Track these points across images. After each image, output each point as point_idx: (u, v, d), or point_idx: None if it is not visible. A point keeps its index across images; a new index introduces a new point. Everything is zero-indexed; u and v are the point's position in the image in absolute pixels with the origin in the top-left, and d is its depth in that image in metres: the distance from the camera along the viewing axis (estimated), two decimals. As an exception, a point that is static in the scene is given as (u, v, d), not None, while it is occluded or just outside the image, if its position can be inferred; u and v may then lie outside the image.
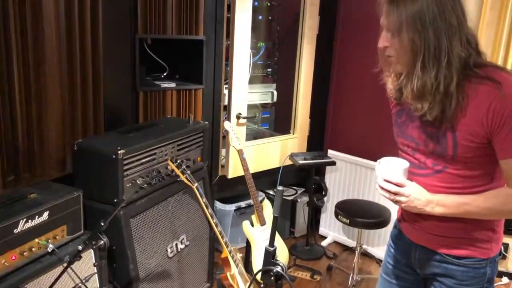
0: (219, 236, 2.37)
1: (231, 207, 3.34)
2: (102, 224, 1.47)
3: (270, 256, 1.29)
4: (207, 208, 2.35)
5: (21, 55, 2.06)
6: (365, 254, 3.45)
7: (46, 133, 2.22)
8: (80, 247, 1.47)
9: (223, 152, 3.25)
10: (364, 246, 3.42)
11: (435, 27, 1.26)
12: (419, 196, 1.37)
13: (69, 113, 2.35)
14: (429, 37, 1.26)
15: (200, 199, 2.32)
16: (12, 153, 2.12)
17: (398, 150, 1.56)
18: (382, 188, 1.39)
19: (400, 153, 1.55)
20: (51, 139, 2.25)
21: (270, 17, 3.61)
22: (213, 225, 2.36)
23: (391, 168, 1.38)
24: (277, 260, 1.31)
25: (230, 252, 2.42)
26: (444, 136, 1.35)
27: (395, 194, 1.38)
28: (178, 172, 2.26)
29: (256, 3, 3.40)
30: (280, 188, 1.29)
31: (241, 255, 2.55)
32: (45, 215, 1.78)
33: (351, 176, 3.55)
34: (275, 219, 1.26)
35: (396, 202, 1.40)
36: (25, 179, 2.18)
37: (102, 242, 1.46)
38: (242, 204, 3.39)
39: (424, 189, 1.40)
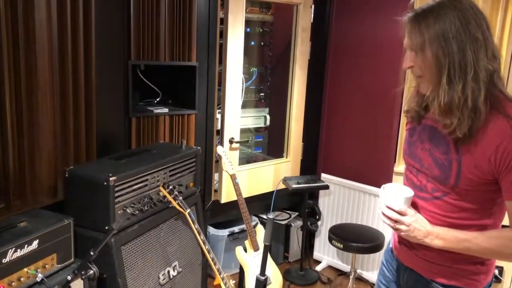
0: (212, 263, 2.35)
1: (224, 232, 3.31)
2: (92, 253, 1.45)
3: (261, 286, 1.28)
4: (199, 234, 2.33)
5: (13, 81, 2.06)
6: (360, 279, 3.42)
7: (37, 160, 2.20)
8: (69, 277, 1.45)
9: (216, 176, 3.25)
10: (358, 271, 3.40)
11: (459, 41, 1.24)
12: (420, 227, 1.37)
13: (61, 140, 2.34)
14: (453, 51, 1.25)
15: (192, 225, 2.30)
16: (2, 180, 2.10)
17: (404, 169, 1.57)
18: (384, 214, 1.39)
19: (405, 171, 1.55)
20: (42, 166, 2.23)
21: (262, 43, 3.66)
22: (206, 252, 2.34)
23: (395, 195, 1.38)
24: (268, 289, 1.30)
25: (223, 279, 2.39)
26: (450, 164, 1.34)
27: (396, 222, 1.37)
28: (170, 198, 2.25)
29: (248, 29, 3.45)
30: (270, 216, 1.28)
31: (234, 281, 2.51)
32: (35, 243, 1.75)
33: (344, 200, 3.55)
34: (266, 247, 1.25)
35: (396, 229, 1.40)
36: (15, 207, 2.15)
37: (91, 271, 1.43)
38: (236, 229, 3.36)
39: (426, 220, 1.39)
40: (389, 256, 1.68)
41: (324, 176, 3.63)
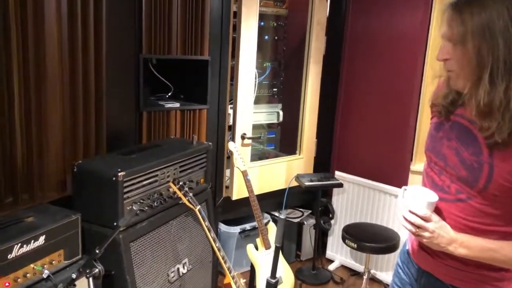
0: (222, 261, 2.30)
1: (236, 229, 3.26)
2: (97, 251, 1.41)
3: (272, 288, 1.22)
4: (209, 231, 2.28)
5: (22, 74, 2.03)
6: (374, 279, 3.35)
7: (46, 153, 2.17)
8: (73, 275, 1.41)
9: (227, 173, 3.20)
10: (372, 271, 3.32)
11: (506, 37, 1.13)
12: (444, 234, 1.28)
13: (70, 134, 2.30)
14: (498, 47, 1.14)
15: (203, 222, 2.25)
16: (10, 174, 2.07)
17: (424, 166, 1.48)
18: (405, 219, 1.31)
19: (426, 168, 1.46)
20: (51, 160, 2.20)
21: (276, 37, 3.59)
22: (216, 249, 2.29)
23: (418, 200, 1.29)
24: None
25: (233, 278, 2.34)
26: (480, 167, 1.25)
27: (419, 227, 1.30)
28: (180, 194, 2.21)
29: (262, 23, 3.38)
30: (282, 216, 1.22)
31: (244, 280, 2.46)
32: (41, 239, 1.72)
33: (358, 199, 3.47)
34: (277, 249, 1.19)
35: (417, 236, 1.32)
36: (23, 201, 2.12)
37: (96, 270, 1.39)
38: (247, 226, 3.31)
39: (449, 227, 1.31)
40: (405, 257, 1.60)
41: (338, 174, 3.56)
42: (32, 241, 1.68)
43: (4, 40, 1.93)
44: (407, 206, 1.30)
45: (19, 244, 1.63)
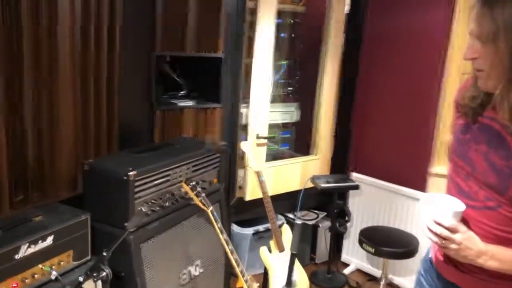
0: (235, 264, 2.23)
1: (249, 230, 3.20)
2: (105, 254, 1.36)
3: (286, 297, 1.15)
4: (222, 233, 2.22)
5: (33, 71, 1.99)
6: (391, 285, 3.25)
7: (57, 152, 2.14)
8: (81, 278, 1.36)
9: (241, 173, 3.14)
10: (389, 276, 3.22)
11: None
12: (472, 246, 1.19)
13: (81, 132, 2.27)
14: None
15: (215, 224, 2.19)
16: (21, 172, 2.04)
17: (449, 171, 1.38)
18: (430, 230, 1.22)
19: (451, 173, 1.37)
20: (62, 158, 2.17)
21: (293, 35, 3.52)
22: (228, 252, 2.23)
23: (445, 209, 1.20)
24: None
25: (246, 282, 2.28)
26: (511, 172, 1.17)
27: (445, 239, 1.21)
28: (192, 195, 2.15)
29: (279, 21, 3.31)
30: (298, 222, 1.15)
31: (258, 284, 2.39)
32: (50, 239, 1.68)
33: (376, 201, 3.37)
34: (292, 257, 1.12)
35: (443, 248, 1.23)
36: (34, 199, 2.09)
37: (104, 273, 1.34)
38: (261, 227, 3.24)
39: (478, 238, 1.21)
40: (427, 266, 1.51)
41: (354, 175, 3.46)
42: (40, 241, 1.64)
43: (17, 36, 1.90)
44: (432, 215, 1.21)
45: (27, 245, 1.59)
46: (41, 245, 1.65)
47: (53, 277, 1.66)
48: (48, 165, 2.13)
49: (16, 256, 1.56)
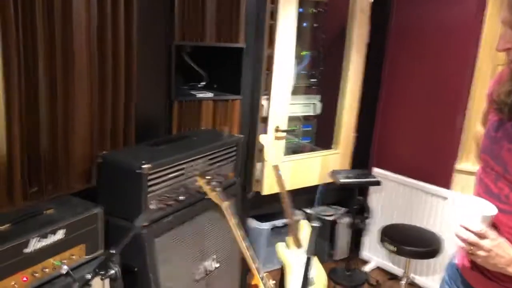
0: (250, 261, 2.17)
1: (266, 225, 3.14)
2: (113, 251, 1.31)
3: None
4: (237, 229, 2.16)
5: (48, 62, 1.96)
6: (413, 284, 3.15)
7: (71, 143, 2.11)
8: (88, 276, 1.32)
9: (259, 166, 3.07)
10: (411, 275, 3.13)
11: None
12: (502, 253, 1.10)
13: (98, 123, 2.23)
14: None
15: (231, 219, 2.13)
16: (35, 163, 2.01)
17: (478, 171, 1.29)
18: (457, 235, 1.13)
19: (480, 174, 1.28)
20: (77, 150, 2.14)
21: (315, 25, 3.40)
22: (244, 248, 2.16)
23: (474, 213, 1.11)
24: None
25: (262, 279, 2.22)
26: None
27: (473, 245, 1.12)
28: (206, 189, 2.09)
29: (301, 10, 3.21)
30: (315, 224, 1.08)
31: (274, 282, 2.33)
32: (60, 233, 1.65)
33: (398, 198, 3.27)
34: (308, 261, 1.05)
35: (471, 254, 1.14)
36: (48, 191, 2.07)
37: (113, 271, 1.30)
38: (278, 223, 3.18)
39: (508, 244, 1.12)
40: (453, 272, 1.42)
41: (376, 170, 3.36)
42: (51, 235, 1.61)
43: (31, 26, 1.86)
44: (459, 219, 1.12)
45: (37, 238, 1.56)
46: (51, 238, 1.62)
47: (63, 272, 1.63)
48: (63, 157, 2.10)
49: (26, 250, 1.54)
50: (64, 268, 1.64)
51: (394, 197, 3.29)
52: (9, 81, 1.79)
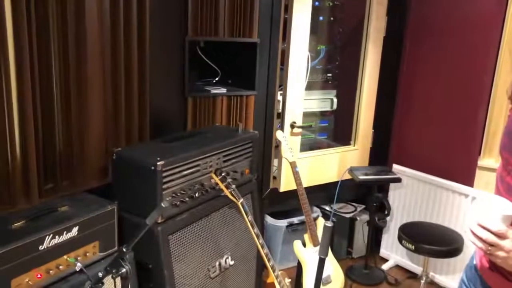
0: (265, 259, 2.15)
1: (283, 222, 3.10)
2: (125, 249, 1.30)
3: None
4: (252, 227, 2.13)
5: (62, 58, 1.96)
6: (432, 283, 3.08)
7: (86, 139, 2.11)
8: (100, 274, 1.31)
9: (275, 162, 3.03)
10: (431, 274, 3.06)
11: None
12: None
13: (112, 119, 2.23)
14: None
15: (245, 217, 2.11)
16: (51, 160, 2.02)
17: (499, 168, 1.24)
18: (474, 234, 1.08)
19: (500, 172, 1.22)
20: (92, 146, 2.14)
21: (332, 18, 3.35)
22: (259, 246, 2.14)
23: (492, 211, 1.06)
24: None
25: (277, 277, 2.19)
26: None
27: (491, 245, 1.06)
28: (222, 186, 2.07)
29: (317, 3, 3.16)
30: (329, 224, 1.04)
31: (289, 280, 2.30)
32: (75, 230, 1.64)
33: (418, 195, 3.19)
34: (321, 261, 1.01)
35: (490, 255, 1.09)
36: (64, 188, 2.07)
37: (124, 270, 1.28)
38: (295, 220, 3.14)
39: None
40: (472, 274, 1.36)
41: (395, 167, 3.29)
42: (65, 232, 1.61)
43: (44, 23, 1.86)
44: (477, 219, 1.06)
45: (51, 235, 1.56)
46: (66, 236, 1.61)
47: (77, 269, 1.63)
48: (78, 154, 2.10)
49: (41, 247, 1.54)
50: (78, 266, 1.64)
51: (414, 194, 3.22)
52: (22, 78, 1.79)
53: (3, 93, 1.76)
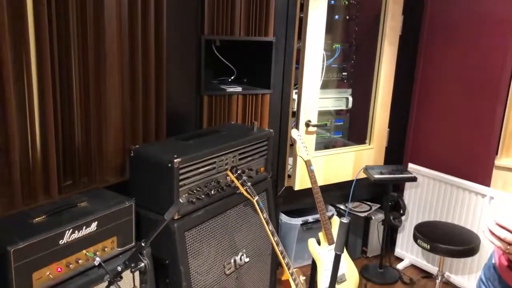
0: (280, 257, 2.16)
1: (298, 221, 3.11)
2: (143, 244, 1.32)
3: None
4: (267, 224, 2.15)
5: (81, 56, 2.00)
6: (447, 283, 3.06)
7: (104, 137, 2.15)
8: (119, 268, 1.34)
9: (290, 161, 3.04)
10: (446, 274, 3.03)
11: None
12: None
13: (129, 117, 2.26)
14: None
15: (261, 214, 2.12)
16: (70, 157, 2.06)
17: None
18: (492, 233, 1.07)
19: None
20: (109, 144, 2.18)
21: (347, 17, 3.34)
22: (274, 244, 2.15)
23: (510, 210, 1.06)
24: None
25: (292, 275, 2.20)
26: None
27: (510, 244, 1.06)
28: (237, 183, 2.09)
29: (332, 2, 3.16)
30: (345, 221, 1.05)
31: (304, 277, 2.31)
32: (93, 225, 1.68)
33: (434, 195, 3.17)
34: (337, 258, 1.02)
35: (508, 254, 1.08)
36: (82, 184, 2.11)
37: (142, 264, 1.31)
38: (310, 218, 3.15)
39: None
40: (490, 273, 1.35)
41: (411, 166, 3.27)
42: (84, 227, 1.64)
43: (65, 22, 1.90)
44: (496, 218, 1.06)
45: (71, 230, 1.60)
46: (85, 231, 1.65)
47: (96, 263, 1.66)
48: (96, 151, 2.14)
49: (61, 241, 1.57)
50: (97, 260, 1.67)
51: (429, 194, 3.20)
52: (42, 76, 1.84)
53: (25, 92, 1.80)
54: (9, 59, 1.70)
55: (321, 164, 3.06)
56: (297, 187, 2.96)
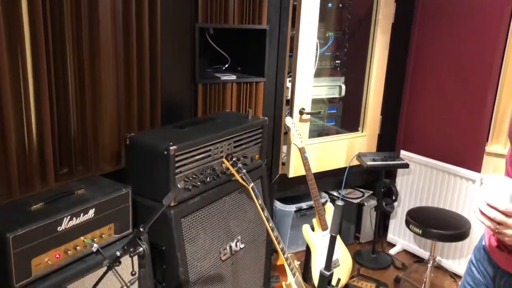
0: (275, 242, 2.19)
1: (292, 207, 3.15)
2: (142, 229, 1.35)
3: (325, 282, 1.09)
4: (263, 210, 2.18)
5: (76, 45, 2.00)
6: (439, 267, 3.12)
7: (100, 125, 2.15)
8: (118, 253, 1.36)
9: (284, 149, 3.07)
10: (438, 258, 3.10)
11: None
12: None
13: (125, 105, 2.27)
14: None
15: (256, 200, 2.15)
16: (66, 145, 2.07)
17: (508, 153, 1.26)
18: (482, 213, 1.11)
19: (510, 154, 1.25)
20: (105, 132, 2.19)
21: (340, 5, 3.35)
22: (269, 229, 2.18)
23: (500, 191, 1.08)
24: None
25: (286, 260, 2.24)
26: None
27: (500, 224, 1.09)
28: (233, 170, 2.11)
29: (326, -10, 3.16)
30: (339, 203, 1.07)
31: (298, 262, 2.35)
32: (91, 212, 1.70)
33: (425, 181, 3.22)
34: (332, 239, 1.05)
35: (498, 234, 1.12)
36: (78, 172, 2.13)
37: (141, 249, 1.33)
38: (304, 205, 3.18)
39: None
40: (480, 255, 1.40)
41: (403, 153, 3.31)
42: (82, 214, 1.66)
43: (59, 11, 1.90)
44: (486, 198, 1.09)
45: (69, 217, 1.61)
46: (83, 217, 1.67)
47: (94, 250, 1.69)
48: (92, 139, 2.15)
49: (59, 228, 1.59)
50: (95, 246, 1.70)
51: (421, 180, 3.25)
52: (37, 65, 1.84)
53: (20, 80, 1.80)
54: (4, 47, 1.70)
55: (314, 152, 3.09)
56: (291, 174, 3.00)
